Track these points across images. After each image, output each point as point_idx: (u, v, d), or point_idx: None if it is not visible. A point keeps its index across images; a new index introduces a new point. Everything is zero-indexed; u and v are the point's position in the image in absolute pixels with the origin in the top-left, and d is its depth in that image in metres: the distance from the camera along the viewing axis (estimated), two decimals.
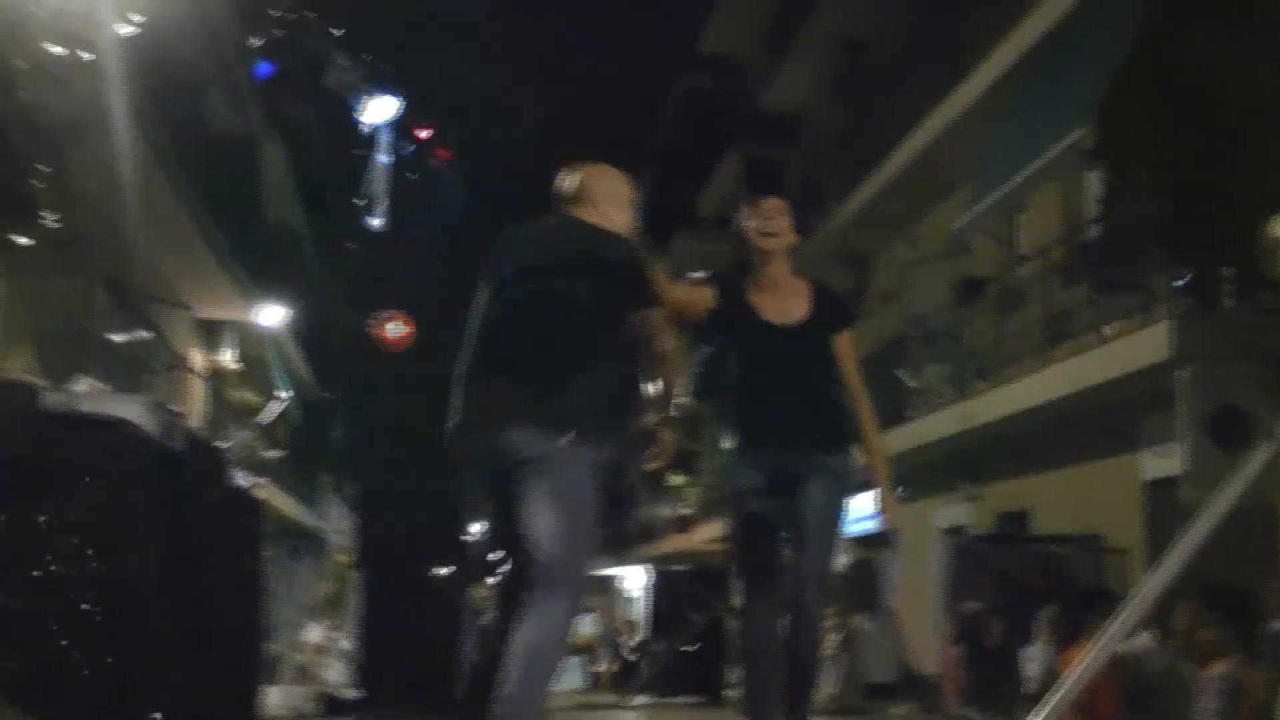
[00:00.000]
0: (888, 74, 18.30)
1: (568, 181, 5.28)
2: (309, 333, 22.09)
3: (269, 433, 24.89)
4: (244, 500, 6.49)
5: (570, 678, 13.95)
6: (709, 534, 22.69)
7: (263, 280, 19.31)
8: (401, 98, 10.13)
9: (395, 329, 9.66)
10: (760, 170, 23.41)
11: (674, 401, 5.11)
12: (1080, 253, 12.85)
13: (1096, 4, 12.02)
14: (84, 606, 4.98)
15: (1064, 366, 12.24)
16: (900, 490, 17.96)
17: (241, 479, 7.29)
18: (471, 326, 5.01)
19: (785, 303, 5.82)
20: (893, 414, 16.45)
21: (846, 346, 5.85)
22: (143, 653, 5.06)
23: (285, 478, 23.46)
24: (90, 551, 4.93)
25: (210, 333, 21.09)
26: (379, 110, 10.15)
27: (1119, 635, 4.63)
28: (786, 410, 5.70)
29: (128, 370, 14.88)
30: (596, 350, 4.86)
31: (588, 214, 5.16)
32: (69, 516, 4.94)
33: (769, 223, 5.84)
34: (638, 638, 24.03)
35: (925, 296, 16.83)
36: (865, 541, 18.36)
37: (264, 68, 11.93)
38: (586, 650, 12.70)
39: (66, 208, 8.54)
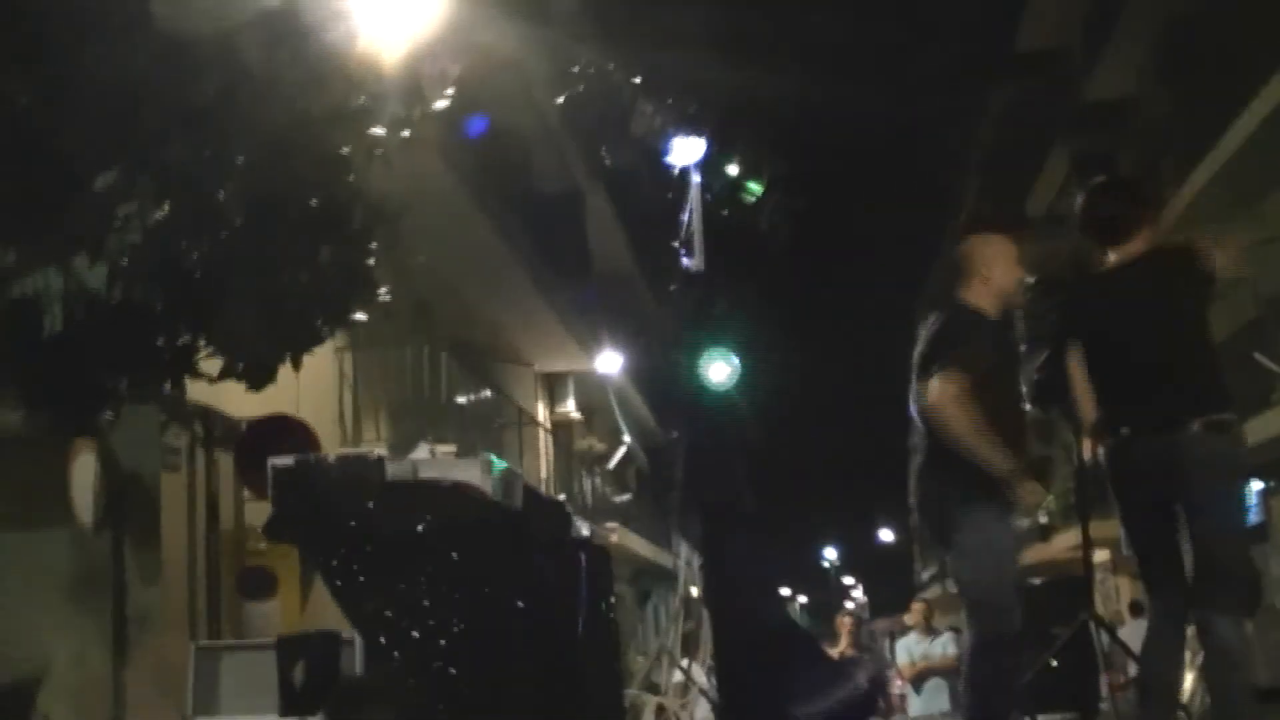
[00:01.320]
0: (1214, 49, 17.39)
1: (958, 256, 5.88)
2: (646, 377, 22.48)
3: (617, 477, 25.45)
4: (590, 549, 6.58)
5: (938, 699, 13.63)
6: (1068, 542, 22.01)
7: (599, 329, 19.81)
8: (708, 137, 10.19)
9: (721, 367, 9.67)
10: (1089, 165, 22.61)
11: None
12: None
13: None
14: (445, 666, 5.11)
15: None
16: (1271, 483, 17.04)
17: (586, 528, 7.40)
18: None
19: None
20: (1257, 399, 15.60)
21: None
22: (505, 708, 5.15)
23: (637, 520, 23.89)
24: (441, 614, 5.06)
25: (553, 385, 21.76)
26: (687, 151, 10.24)
27: None
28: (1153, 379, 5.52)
29: (475, 430, 15.44)
30: None
31: (973, 290, 5.73)
32: (419, 582, 5.09)
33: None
34: None
35: (1277, 275, 15.88)
36: None
37: (477, 123, 12.26)
38: (951, 670, 12.47)
39: (405, 279, 8.90)
